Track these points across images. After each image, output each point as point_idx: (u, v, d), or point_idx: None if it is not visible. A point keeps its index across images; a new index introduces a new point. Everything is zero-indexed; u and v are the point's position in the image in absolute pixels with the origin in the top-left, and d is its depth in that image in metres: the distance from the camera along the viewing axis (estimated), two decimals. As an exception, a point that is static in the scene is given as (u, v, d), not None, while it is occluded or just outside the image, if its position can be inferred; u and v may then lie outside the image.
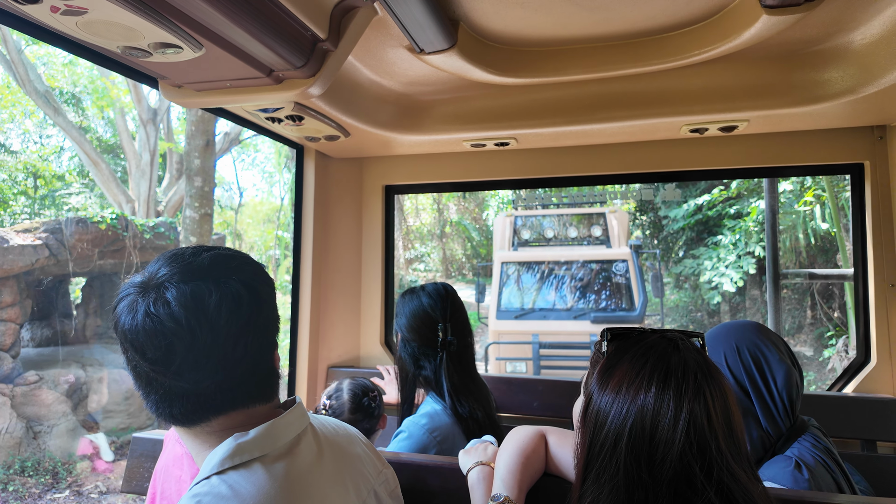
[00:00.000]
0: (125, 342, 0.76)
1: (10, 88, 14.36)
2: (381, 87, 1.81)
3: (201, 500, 0.70)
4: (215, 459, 0.75)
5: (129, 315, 0.74)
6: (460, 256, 20.43)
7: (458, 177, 2.31)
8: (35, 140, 16.05)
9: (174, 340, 0.73)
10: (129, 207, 10.83)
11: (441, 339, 1.50)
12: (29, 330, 8.64)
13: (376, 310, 2.42)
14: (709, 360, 0.84)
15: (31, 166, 15.26)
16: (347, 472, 0.91)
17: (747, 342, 1.24)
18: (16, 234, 7.02)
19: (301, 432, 0.86)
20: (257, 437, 0.78)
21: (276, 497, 0.73)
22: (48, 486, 6.31)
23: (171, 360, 0.74)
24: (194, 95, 1.40)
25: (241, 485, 0.72)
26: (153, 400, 0.78)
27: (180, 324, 0.73)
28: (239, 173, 28.10)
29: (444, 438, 1.40)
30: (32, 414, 6.80)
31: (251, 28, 1.08)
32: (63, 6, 0.93)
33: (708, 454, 0.75)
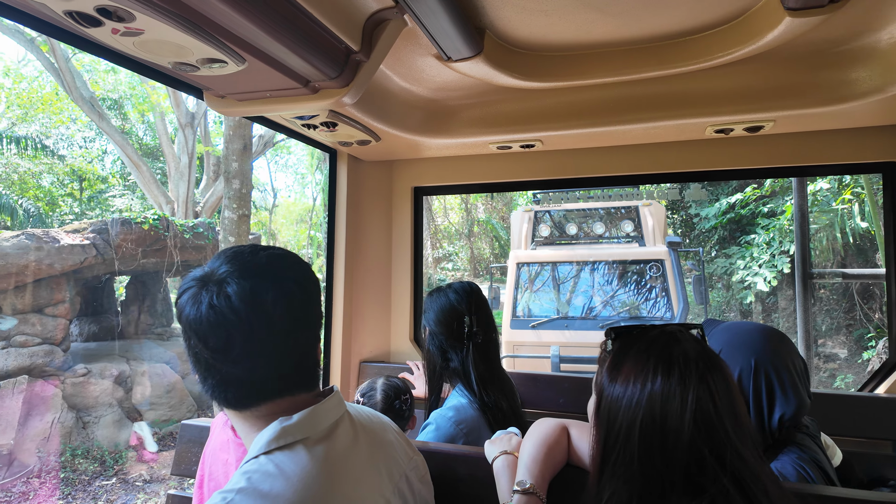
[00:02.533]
0: (189, 331, 0.83)
1: (58, 95, 15.07)
2: (411, 93, 1.88)
3: (251, 476, 0.78)
4: (262, 441, 0.83)
5: (193, 306, 0.82)
6: (488, 255, 20.44)
7: (484, 178, 2.37)
8: (80, 144, 16.75)
9: (233, 332, 0.81)
10: (169, 208, 11.23)
11: (467, 332, 1.57)
12: (77, 325, 9.07)
13: (405, 307, 2.49)
14: (709, 350, 0.88)
15: (78, 169, 15.96)
16: (381, 456, 0.97)
17: (767, 364, 1.15)
18: (66, 234, 7.39)
19: (339, 418, 0.93)
20: (300, 422, 0.85)
21: (318, 476, 0.80)
22: (97, 473, 6.63)
23: (230, 350, 0.81)
24: (236, 105, 1.50)
25: (286, 464, 0.80)
26: (210, 384, 0.85)
27: (240, 316, 0.80)
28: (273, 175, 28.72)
29: (470, 430, 1.46)
30: (81, 405, 7.16)
31: (289, 43, 1.16)
32: (123, 28, 1.03)
33: (716, 438, 0.79)
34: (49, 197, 15.50)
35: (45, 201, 14.94)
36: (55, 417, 6.75)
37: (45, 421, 6.70)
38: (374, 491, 0.90)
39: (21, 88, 16.04)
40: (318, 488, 0.79)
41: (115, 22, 0.98)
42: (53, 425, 6.70)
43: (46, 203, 14.89)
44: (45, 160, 14.59)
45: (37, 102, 15.87)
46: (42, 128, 15.96)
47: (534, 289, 6.72)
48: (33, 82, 16.24)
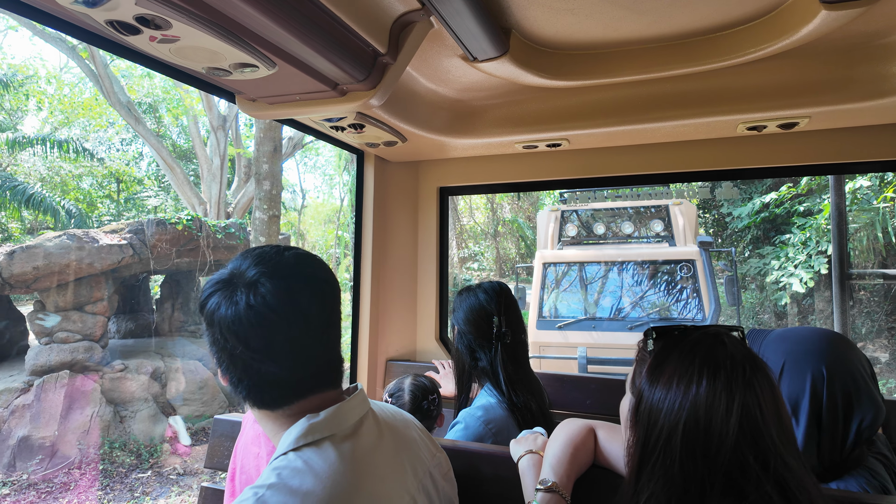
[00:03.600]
0: (226, 332, 0.83)
1: (97, 100, 15.61)
2: (436, 94, 1.89)
3: (280, 472, 0.80)
4: (291, 438, 0.85)
5: (229, 307, 0.83)
6: (514, 256, 20.34)
7: (510, 177, 2.36)
8: (118, 147, 17.31)
9: (274, 331, 0.83)
10: (202, 209, 11.52)
11: (496, 331, 1.57)
12: (115, 323, 9.39)
13: (431, 306, 2.51)
14: (753, 353, 0.86)
15: (115, 172, 16.50)
16: (405, 453, 0.98)
17: (842, 371, 1.09)
18: (105, 234, 7.66)
19: (363, 415, 0.94)
20: (327, 418, 0.87)
21: (345, 473, 0.82)
22: (133, 466, 6.85)
23: (271, 349, 0.83)
24: (267, 108, 1.53)
25: (314, 460, 0.82)
26: (246, 385, 0.86)
27: (279, 315, 0.83)
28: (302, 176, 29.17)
29: (498, 430, 1.47)
30: (119, 399, 7.41)
31: (318, 47, 1.19)
32: (160, 35, 1.06)
33: (762, 444, 0.77)
34: (88, 198, 16.07)
35: (85, 203, 15.50)
36: (94, 411, 7.01)
37: (84, 414, 6.95)
38: (400, 487, 0.91)
39: (63, 94, 16.68)
40: (346, 484, 0.81)
41: (153, 30, 1.02)
42: (93, 419, 6.95)
43: (86, 204, 15.44)
44: (86, 163, 15.12)
45: (77, 107, 16.48)
46: (82, 132, 16.57)
47: (560, 289, 6.63)
48: (74, 88, 16.88)
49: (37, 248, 7.06)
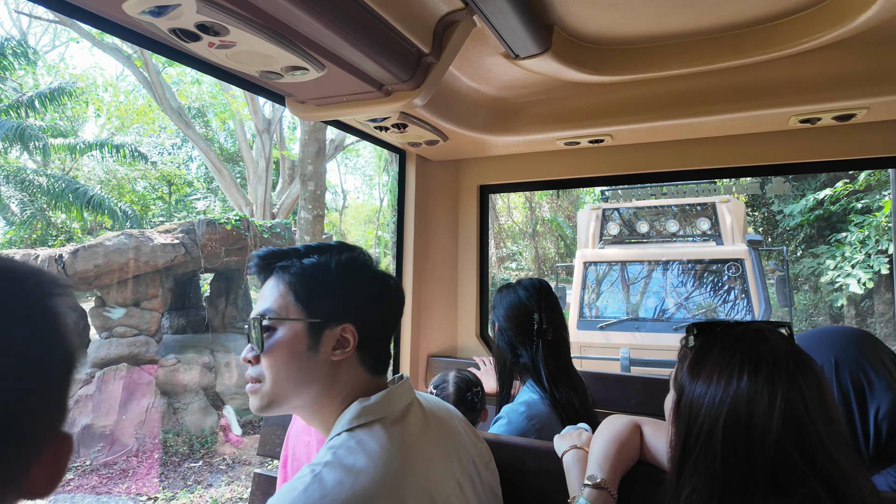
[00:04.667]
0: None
1: (150, 106, 16.35)
2: (478, 92, 1.91)
3: (336, 451, 0.84)
4: (345, 419, 0.90)
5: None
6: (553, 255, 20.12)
7: (551, 175, 2.36)
8: (169, 151, 18.06)
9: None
10: (248, 210, 11.90)
11: (536, 328, 1.57)
12: (168, 318, 9.81)
13: (472, 304, 2.53)
14: (799, 349, 0.84)
15: (167, 174, 17.23)
16: (449, 440, 1.02)
17: (850, 360, 1.08)
18: (159, 234, 8.03)
19: (410, 403, 0.98)
20: (378, 402, 0.91)
21: (395, 454, 0.85)
22: (185, 455, 7.16)
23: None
24: (315, 110, 1.59)
25: (366, 441, 0.86)
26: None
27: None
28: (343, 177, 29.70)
29: (542, 426, 1.47)
30: (172, 392, 7.75)
31: (366, 48, 1.22)
32: (217, 41, 1.12)
33: (807, 440, 0.76)
34: (143, 200, 16.84)
35: (139, 204, 16.25)
36: (150, 402, 7.36)
37: (141, 405, 7.31)
38: (446, 472, 0.94)
39: (119, 101, 17.55)
40: (396, 465, 0.84)
41: (212, 36, 1.08)
42: (148, 410, 7.31)
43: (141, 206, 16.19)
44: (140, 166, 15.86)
45: (132, 113, 17.31)
46: (137, 136, 17.38)
47: (601, 289, 6.51)
48: (129, 95, 17.73)
49: (97, 247, 7.46)
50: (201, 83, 16.73)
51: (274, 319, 0.91)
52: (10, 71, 10.73)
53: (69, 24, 11.60)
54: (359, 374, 0.94)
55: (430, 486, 0.87)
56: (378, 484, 0.80)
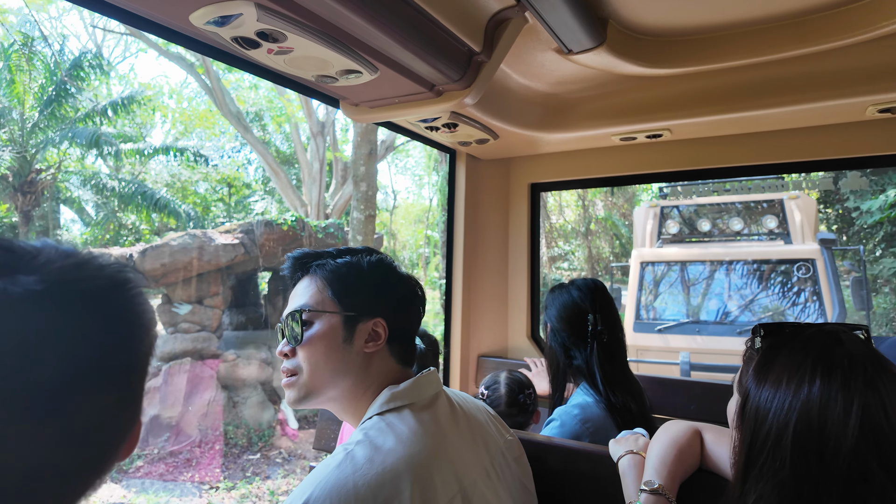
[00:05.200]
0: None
1: (211, 112, 17.14)
2: (529, 88, 1.89)
3: (367, 432, 0.89)
4: (376, 405, 0.95)
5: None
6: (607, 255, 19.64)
7: (605, 172, 2.30)
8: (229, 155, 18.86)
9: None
10: (303, 211, 12.27)
11: (591, 330, 1.54)
12: (228, 315, 10.25)
13: (522, 304, 2.50)
14: (878, 353, 0.78)
15: (227, 177, 18.00)
16: (477, 430, 1.04)
17: None
18: (220, 234, 8.41)
19: (437, 392, 1.02)
20: (406, 389, 0.97)
21: (424, 436, 0.90)
22: (244, 448, 7.47)
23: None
24: (368, 112, 1.61)
25: (396, 423, 0.91)
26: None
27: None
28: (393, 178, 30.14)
29: (596, 430, 1.43)
30: (232, 386, 8.10)
31: (418, 49, 1.23)
32: (276, 48, 1.16)
33: (887, 449, 0.71)
34: (204, 202, 17.67)
35: (201, 206, 17.06)
36: (212, 396, 7.72)
37: (203, 398, 7.68)
38: (474, 458, 0.97)
39: (182, 107, 18.50)
40: (424, 447, 0.88)
41: (270, 43, 1.12)
42: (210, 403, 7.67)
43: (202, 207, 16.99)
44: (202, 169, 16.65)
45: (194, 118, 18.20)
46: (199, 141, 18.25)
47: (659, 290, 6.25)
48: (192, 101, 18.65)
49: (164, 246, 7.89)
50: (258, 88, 17.39)
51: (312, 313, 0.97)
52: (87, 82, 11.50)
53: (138, 35, 12.32)
54: (389, 364, 1.00)
55: (457, 470, 0.90)
56: (406, 462, 0.83)
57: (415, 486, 0.81)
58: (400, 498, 0.79)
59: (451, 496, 0.86)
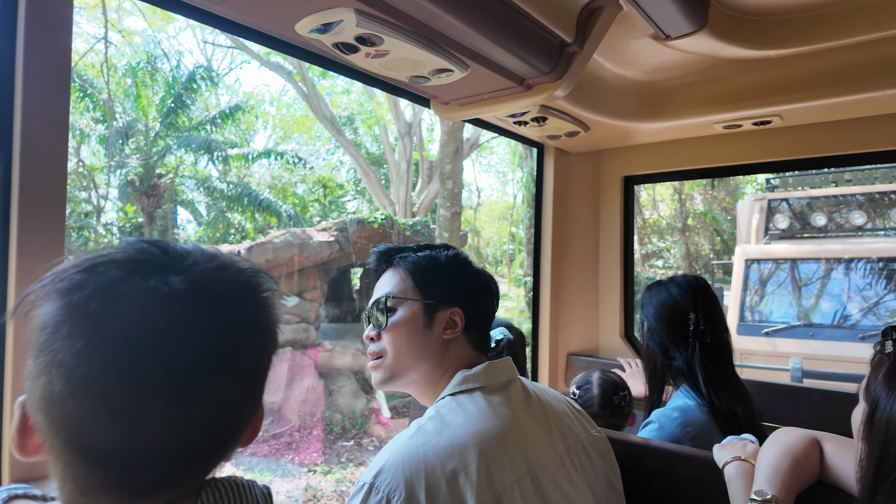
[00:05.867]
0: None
1: (307, 116, 18.14)
2: (623, 78, 1.82)
3: (439, 409, 0.95)
4: (449, 386, 1.00)
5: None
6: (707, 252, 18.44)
7: (706, 162, 2.17)
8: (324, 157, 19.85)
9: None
10: (391, 209, 12.66)
11: (693, 329, 1.46)
12: (324, 308, 10.83)
13: (615, 302, 2.42)
14: None
15: (322, 178, 18.97)
16: (553, 419, 1.04)
17: None
18: (317, 232, 8.92)
19: (511, 379, 1.05)
20: (479, 372, 1.00)
21: (493, 415, 0.93)
22: (339, 434, 7.87)
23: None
24: (458, 110, 1.64)
25: (466, 403, 0.95)
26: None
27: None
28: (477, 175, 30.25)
29: (698, 434, 1.36)
30: (328, 375, 8.56)
31: (508, 44, 1.23)
32: (373, 52, 1.21)
33: None
34: (302, 202, 18.74)
35: (299, 206, 18.11)
36: (311, 384, 8.21)
37: (303, 385, 8.18)
38: (547, 443, 0.98)
39: (282, 113, 19.73)
40: (493, 426, 0.91)
41: (368, 47, 1.17)
42: (309, 390, 8.15)
43: (300, 207, 18.03)
44: (299, 171, 17.66)
45: (292, 124, 19.34)
46: (296, 144, 19.37)
47: (766, 290, 5.69)
48: (290, 108, 19.83)
49: (267, 244, 8.49)
50: (350, 93, 18.15)
51: (396, 300, 1.04)
52: (199, 93, 12.61)
53: (242, 47, 13.30)
54: (466, 350, 1.05)
55: (527, 452, 0.92)
56: (473, 437, 0.87)
57: (481, 461, 0.85)
58: (467, 471, 0.83)
59: (519, 476, 0.89)
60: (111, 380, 0.45)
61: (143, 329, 0.46)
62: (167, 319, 0.47)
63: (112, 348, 0.45)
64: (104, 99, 11.31)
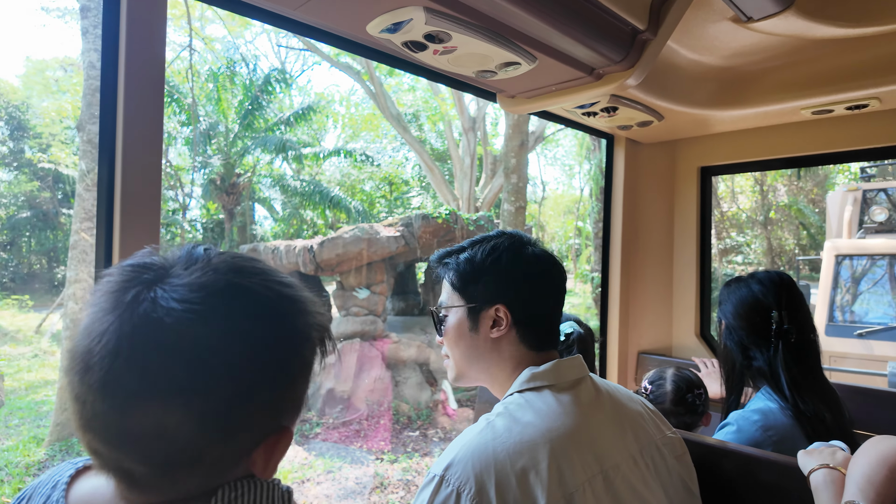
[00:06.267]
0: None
1: (375, 115, 18.56)
2: (699, 64, 1.74)
3: (507, 406, 0.94)
4: (517, 383, 0.99)
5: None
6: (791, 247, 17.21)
7: (792, 151, 2.03)
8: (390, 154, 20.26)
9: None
10: (455, 204, 12.73)
11: (776, 328, 1.37)
12: (391, 301, 11.09)
13: (690, 299, 2.32)
14: None
15: (388, 175, 19.37)
16: (626, 419, 1.00)
17: None
18: (384, 227, 9.13)
19: (581, 377, 1.01)
20: (547, 370, 0.98)
21: (563, 415, 0.91)
22: (405, 425, 8.05)
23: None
24: (524, 102, 1.63)
25: (534, 400, 0.94)
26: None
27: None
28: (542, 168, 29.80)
29: (781, 439, 1.28)
30: (394, 367, 8.77)
31: (577, 34, 1.21)
32: (441, 48, 1.23)
33: None
34: (369, 198, 19.23)
35: (367, 202, 18.59)
36: (378, 374, 8.45)
37: (371, 376, 8.43)
38: (620, 444, 0.95)
39: (350, 112, 20.30)
40: (563, 423, 0.89)
41: (437, 44, 1.19)
42: (376, 380, 8.39)
43: (368, 203, 18.51)
44: (367, 169, 18.12)
45: (360, 122, 19.86)
46: (364, 143, 19.88)
47: (860, 288, 5.27)
48: (358, 107, 20.36)
49: (338, 239, 8.79)
50: (415, 90, 18.40)
51: (444, 308, 1.07)
52: (274, 95, 13.22)
53: (314, 49, 13.78)
54: (520, 349, 1.02)
55: (597, 451, 0.90)
56: (544, 436, 0.86)
57: (552, 460, 0.83)
58: (537, 469, 0.82)
59: (591, 476, 0.87)
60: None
61: None
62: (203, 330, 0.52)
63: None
64: (189, 103, 12.11)
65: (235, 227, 13.76)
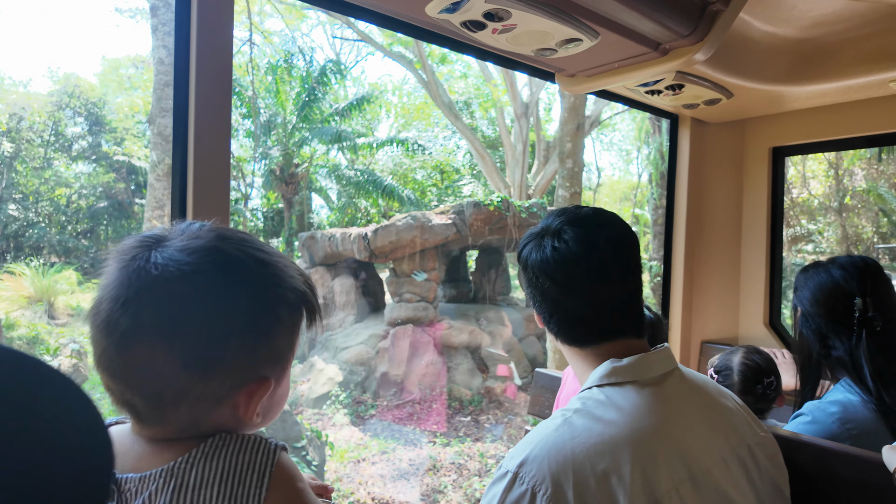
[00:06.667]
0: (538, 272, 0.96)
1: (426, 104, 18.61)
2: (774, 36, 1.63)
3: (585, 402, 0.87)
4: (595, 376, 0.91)
5: (538, 252, 0.96)
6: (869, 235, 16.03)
7: (876, 128, 1.88)
8: (441, 143, 20.29)
9: (575, 269, 0.92)
10: (506, 192, 12.61)
11: (859, 316, 1.28)
12: (442, 288, 11.18)
13: (759, 287, 2.21)
14: None
15: (439, 163, 19.41)
16: (716, 416, 0.93)
17: None
18: (436, 215, 9.19)
19: (669, 371, 0.93)
20: (630, 364, 0.90)
21: (647, 413, 0.84)
22: (457, 410, 8.13)
23: (574, 285, 0.92)
24: (584, 81, 1.58)
25: (616, 397, 0.86)
26: (556, 321, 0.96)
27: (579, 256, 0.92)
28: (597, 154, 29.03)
29: (861, 434, 1.20)
30: (445, 352, 8.87)
31: (642, 7, 1.16)
32: (500, 27, 1.21)
33: None
34: (421, 187, 19.35)
35: (418, 191, 18.72)
36: (430, 359, 8.56)
37: (422, 361, 8.56)
38: (709, 445, 0.88)
39: (403, 102, 20.45)
40: (647, 423, 0.83)
41: (496, 23, 1.17)
42: (428, 365, 8.51)
43: (419, 192, 18.64)
44: (419, 158, 18.24)
45: (412, 111, 19.97)
46: (416, 132, 19.99)
47: None
48: (410, 96, 20.47)
49: (390, 226, 8.92)
50: (467, 76, 18.27)
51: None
52: (329, 87, 13.48)
53: (368, 39, 13.93)
54: (571, 347, 0.97)
55: (685, 452, 0.83)
56: (626, 436, 0.80)
57: (635, 463, 0.77)
58: (620, 472, 0.76)
59: (679, 481, 0.80)
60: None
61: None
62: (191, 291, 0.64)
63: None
64: (249, 96, 12.55)
65: (294, 216, 14.21)
